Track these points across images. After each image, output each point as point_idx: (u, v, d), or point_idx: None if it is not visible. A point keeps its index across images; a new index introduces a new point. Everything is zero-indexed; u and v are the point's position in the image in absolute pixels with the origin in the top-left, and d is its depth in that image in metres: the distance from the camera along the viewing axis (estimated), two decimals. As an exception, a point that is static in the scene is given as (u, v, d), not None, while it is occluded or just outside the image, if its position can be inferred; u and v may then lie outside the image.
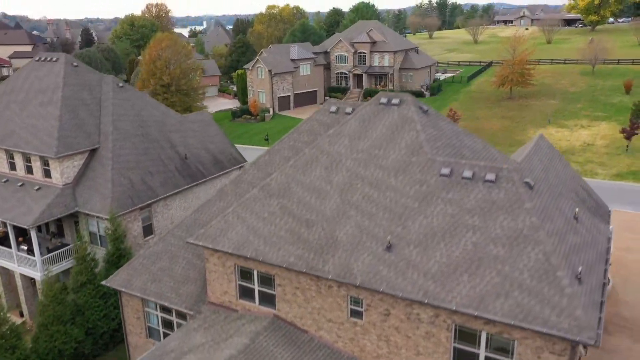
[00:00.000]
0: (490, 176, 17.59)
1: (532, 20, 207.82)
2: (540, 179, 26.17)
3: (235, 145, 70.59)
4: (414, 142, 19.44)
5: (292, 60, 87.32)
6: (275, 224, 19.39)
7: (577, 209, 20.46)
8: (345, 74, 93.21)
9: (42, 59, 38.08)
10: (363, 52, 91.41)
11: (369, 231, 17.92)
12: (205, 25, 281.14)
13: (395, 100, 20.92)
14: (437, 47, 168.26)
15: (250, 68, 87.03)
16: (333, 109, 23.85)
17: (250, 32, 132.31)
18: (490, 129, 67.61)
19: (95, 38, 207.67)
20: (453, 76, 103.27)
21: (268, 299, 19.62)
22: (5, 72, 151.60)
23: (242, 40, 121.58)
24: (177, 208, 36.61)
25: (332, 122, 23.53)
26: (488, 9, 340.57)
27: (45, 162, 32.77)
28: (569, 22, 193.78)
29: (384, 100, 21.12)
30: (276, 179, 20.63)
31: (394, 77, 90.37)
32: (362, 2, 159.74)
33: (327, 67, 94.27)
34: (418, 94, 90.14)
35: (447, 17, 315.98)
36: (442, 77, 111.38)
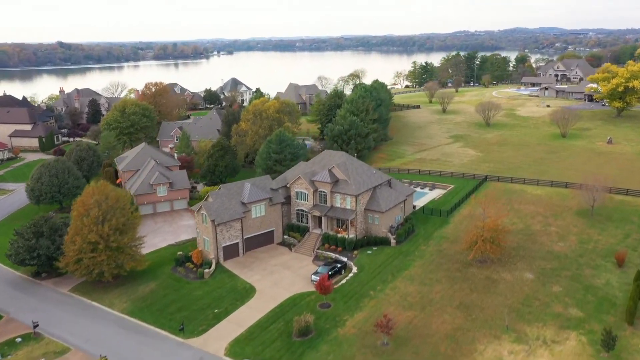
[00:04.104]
0: None
1: (557, 92, 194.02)
2: None
3: (150, 327, 63.57)
4: None
5: (243, 203, 79.79)
6: None
7: None
8: (305, 212, 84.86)
9: None
10: (324, 192, 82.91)
11: None
12: (223, 81, 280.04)
13: None
14: (444, 131, 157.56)
15: (196, 211, 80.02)
16: None
17: (234, 128, 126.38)
18: (437, 333, 57.29)
19: (106, 103, 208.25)
20: (432, 208, 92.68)
21: None
22: (0, 155, 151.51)
23: (221, 144, 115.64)
24: None
25: None
26: (521, 60, 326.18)
27: None
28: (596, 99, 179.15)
29: None
30: None
31: (356, 221, 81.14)
32: (362, 84, 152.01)
33: (288, 201, 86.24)
34: (382, 241, 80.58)
35: (476, 71, 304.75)
36: (427, 194, 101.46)
